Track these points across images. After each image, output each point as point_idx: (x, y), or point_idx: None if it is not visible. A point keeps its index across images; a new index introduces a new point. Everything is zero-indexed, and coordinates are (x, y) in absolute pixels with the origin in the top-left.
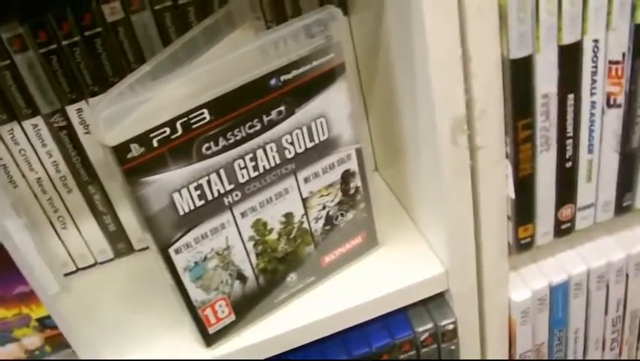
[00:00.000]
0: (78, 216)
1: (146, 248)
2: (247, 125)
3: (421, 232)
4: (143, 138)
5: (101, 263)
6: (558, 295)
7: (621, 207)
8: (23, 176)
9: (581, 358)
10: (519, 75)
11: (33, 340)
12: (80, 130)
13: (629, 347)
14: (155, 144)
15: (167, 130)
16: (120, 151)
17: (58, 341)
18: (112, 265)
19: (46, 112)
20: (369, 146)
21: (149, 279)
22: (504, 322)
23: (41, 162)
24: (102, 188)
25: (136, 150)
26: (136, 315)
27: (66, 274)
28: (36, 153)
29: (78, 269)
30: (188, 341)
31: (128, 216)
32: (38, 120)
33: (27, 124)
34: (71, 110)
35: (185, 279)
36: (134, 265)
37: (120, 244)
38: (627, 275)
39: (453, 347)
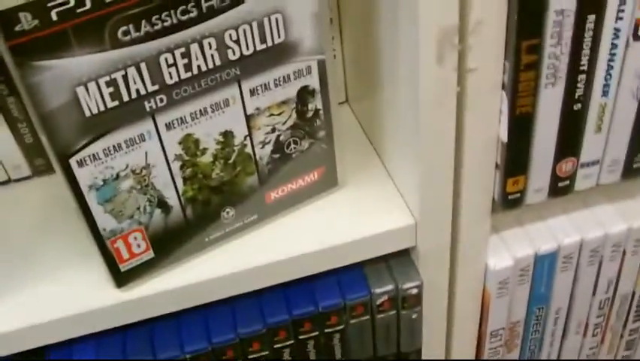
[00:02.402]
0: None
1: None
2: (180, 9)
3: (391, 176)
4: (37, 7)
5: (16, 181)
6: (543, 267)
7: (630, 169)
8: None
9: (559, 341)
10: None
11: None
12: None
13: (613, 334)
14: (53, 16)
15: (72, 0)
16: (6, 20)
17: None
18: (28, 183)
19: None
20: (341, 71)
21: (68, 204)
22: (477, 292)
23: None
24: (16, 89)
25: (27, 21)
26: (44, 243)
27: None
28: None
29: None
30: (95, 278)
31: None
32: None
33: None
34: None
35: (91, 200)
36: (53, 186)
37: (39, 159)
38: (624, 252)
39: (414, 316)
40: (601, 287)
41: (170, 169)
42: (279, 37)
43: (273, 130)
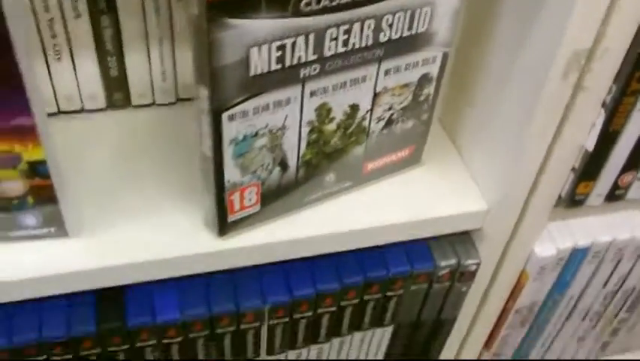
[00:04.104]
0: (78, 50)
1: (146, 105)
2: None
3: (465, 163)
4: None
5: (89, 111)
6: (576, 259)
7: None
8: None
9: (562, 323)
10: None
11: (15, 185)
12: None
13: (605, 322)
14: None
15: None
16: None
17: (45, 194)
18: (101, 115)
19: None
20: None
21: (149, 142)
22: (517, 273)
23: None
24: (117, 23)
25: None
26: (131, 181)
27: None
28: None
29: (60, 112)
30: (195, 224)
31: (136, 64)
32: None
33: None
34: None
35: (227, 153)
36: (128, 121)
37: (118, 93)
38: None
39: (464, 289)
40: (612, 281)
41: (300, 133)
42: (423, 26)
43: (390, 108)
